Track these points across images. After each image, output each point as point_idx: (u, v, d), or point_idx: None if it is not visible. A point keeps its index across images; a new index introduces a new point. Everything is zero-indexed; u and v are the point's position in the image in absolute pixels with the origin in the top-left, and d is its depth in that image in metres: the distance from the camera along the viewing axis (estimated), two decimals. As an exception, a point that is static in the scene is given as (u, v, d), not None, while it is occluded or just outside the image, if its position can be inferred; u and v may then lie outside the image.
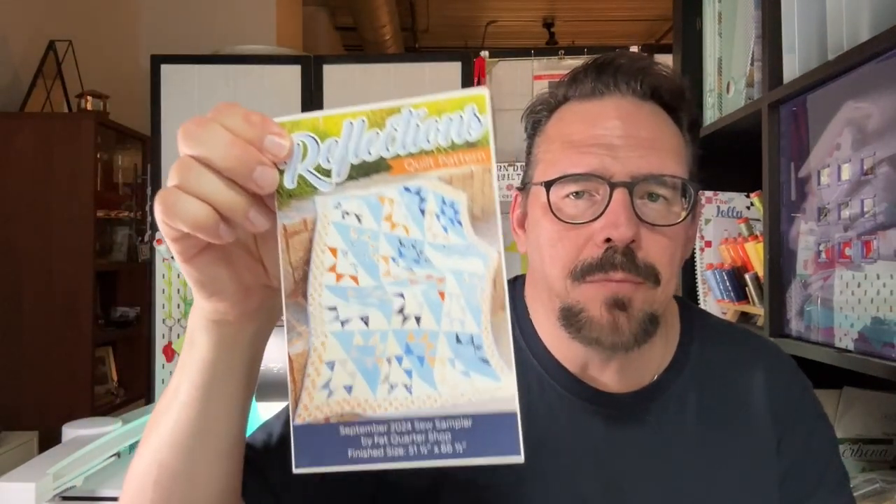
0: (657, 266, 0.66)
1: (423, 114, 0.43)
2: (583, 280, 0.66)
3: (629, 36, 5.90)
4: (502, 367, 0.42)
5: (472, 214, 0.43)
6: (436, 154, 0.43)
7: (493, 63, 3.04)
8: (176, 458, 0.52)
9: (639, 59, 0.71)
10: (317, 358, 0.44)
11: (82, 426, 1.60)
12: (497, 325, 0.42)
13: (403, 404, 0.43)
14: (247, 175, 0.42)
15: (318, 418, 0.43)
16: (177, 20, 3.91)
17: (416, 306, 0.43)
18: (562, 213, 0.67)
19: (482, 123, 0.42)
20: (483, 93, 0.42)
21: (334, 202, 0.44)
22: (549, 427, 0.72)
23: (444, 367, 0.43)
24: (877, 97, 0.89)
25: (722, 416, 0.73)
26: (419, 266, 0.44)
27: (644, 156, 0.66)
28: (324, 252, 0.44)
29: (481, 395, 0.42)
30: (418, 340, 0.43)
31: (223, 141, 0.42)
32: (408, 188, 0.44)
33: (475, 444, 0.42)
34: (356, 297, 0.44)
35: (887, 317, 0.87)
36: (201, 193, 0.42)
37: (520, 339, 0.75)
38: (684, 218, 0.67)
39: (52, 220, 2.71)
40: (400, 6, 5.28)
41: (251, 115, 0.43)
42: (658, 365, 0.74)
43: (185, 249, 0.45)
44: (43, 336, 2.70)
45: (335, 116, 0.44)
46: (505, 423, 0.42)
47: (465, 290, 0.43)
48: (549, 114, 0.73)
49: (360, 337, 0.44)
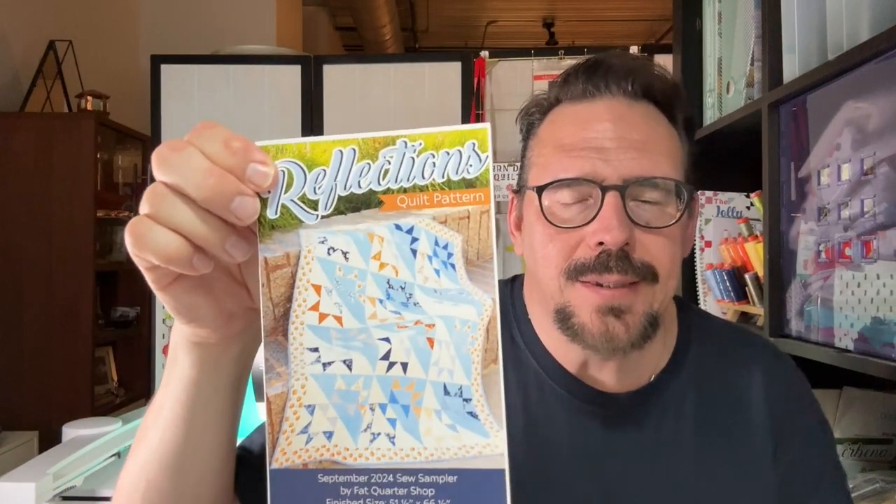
0: (654, 265, 0.65)
1: (419, 146, 0.40)
2: (576, 280, 0.66)
3: (629, 36, 5.90)
4: (492, 424, 0.40)
5: (467, 258, 0.40)
6: (431, 191, 0.40)
7: (493, 63, 3.04)
8: (163, 476, 0.51)
9: (630, 59, 0.71)
10: (296, 401, 0.41)
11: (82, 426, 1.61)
12: (488, 378, 0.40)
13: (386, 455, 0.41)
14: (224, 206, 0.39)
15: (295, 464, 0.41)
16: (177, 20, 3.91)
17: (402, 352, 0.41)
18: (554, 217, 0.67)
19: (482, 161, 0.40)
20: (485, 128, 0.40)
21: (320, 236, 0.41)
22: (547, 427, 0.72)
23: (430, 418, 0.40)
24: (877, 97, 0.89)
25: (720, 417, 0.73)
26: (408, 310, 0.41)
27: (635, 158, 0.65)
28: (307, 289, 0.41)
29: (468, 451, 0.40)
30: (404, 389, 0.41)
31: (199, 169, 0.39)
32: (399, 226, 0.41)
33: (460, 502, 0.40)
34: (340, 338, 0.41)
35: (887, 317, 0.87)
36: (174, 224, 0.40)
37: (518, 338, 0.75)
38: (678, 219, 0.66)
39: (52, 220, 2.71)
40: (400, 6, 5.28)
41: (232, 139, 0.40)
42: (656, 365, 0.74)
43: (158, 279, 0.43)
44: (43, 336, 2.70)
45: (324, 143, 0.41)
46: (492, 482, 0.40)
47: (455, 339, 0.40)
48: (541, 116, 0.73)
49: (343, 381, 0.41)
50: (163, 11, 3.94)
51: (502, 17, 5.82)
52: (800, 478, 0.73)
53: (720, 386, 0.74)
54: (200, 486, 0.52)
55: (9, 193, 2.69)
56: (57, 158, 2.71)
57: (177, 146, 0.40)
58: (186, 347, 0.47)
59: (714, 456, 0.72)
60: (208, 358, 0.48)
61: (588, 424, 0.72)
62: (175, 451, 0.50)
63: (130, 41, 3.84)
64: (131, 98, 3.48)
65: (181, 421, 0.49)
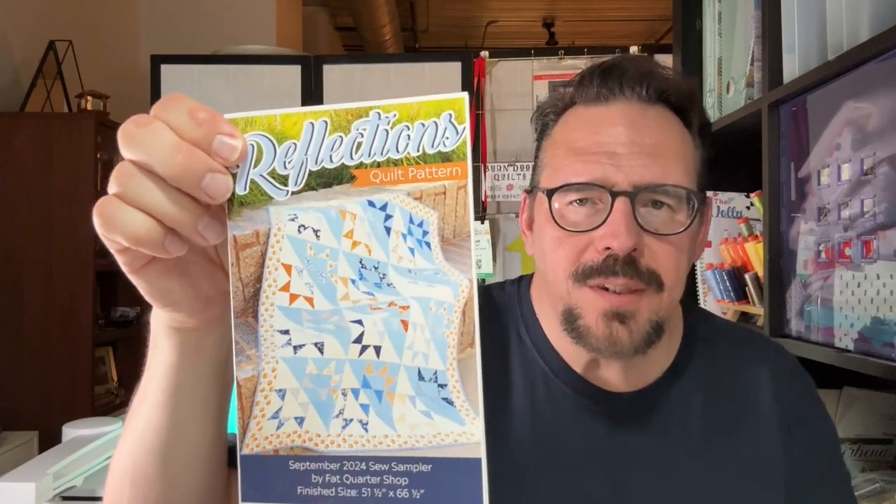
0: (660, 272, 0.65)
1: (392, 118, 0.38)
2: (584, 283, 0.66)
3: (629, 36, 5.90)
4: (468, 411, 0.38)
5: (443, 236, 0.39)
6: (405, 165, 0.38)
7: (493, 63, 3.04)
8: (149, 462, 0.50)
9: (645, 63, 0.71)
10: (266, 385, 0.40)
11: (82, 426, 1.61)
12: (465, 362, 0.38)
13: (358, 442, 0.39)
14: (195, 184, 0.38)
15: (266, 450, 0.40)
16: (177, 20, 3.91)
17: (375, 335, 0.39)
18: (564, 220, 0.67)
19: (459, 133, 0.38)
20: (461, 97, 0.38)
21: (290, 213, 0.39)
22: (554, 425, 0.72)
23: (403, 404, 0.39)
24: (877, 97, 0.89)
25: (726, 416, 0.73)
26: (381, 291, 0.39)
27: (647, 164, 0.65)
28: (277, 269, 0.40)
29: (443, 439, 0.38)
30: (377, 373, 0.39)
31: (167, 144, 0.37)
32: (372, 202, 0.39)
33: (434, 492, 0.38)
34: (311, 320, 0.40)
35: (887, 317, 0.87)
36: (143, 204, 0.38)
37: (526, 337, 0.76)
38: (687, 226, 0.66)
39: (52, 220, 2.71)
40: (400, 6, 5.28)
41: (198, 111, 0.38)
42: (662, 364, 0.74)
43: (130, 261, 0.41)
44: (43, 336, 2.70)
45: (294, 116, 0.39)
46: (468, 471, 0.38)
47: (430, 321, 0.39)
48: (556, 117, 0.73)
49: (314, 365, 0.40)
50: (163, 11, 3.94)
51: (502, 17, 5.82)
52: (804, 474, 0.73)
53: (727, 384, 0.75)
54: (188, 471, 0.51)
55: (9, 193, 2.68)
56: (57, 158, 2.71)
57: (142, 121, 0.38)
58: (165, 332, 0.46)
59: (721, 453, 0.72)
60: (188, 343, 0.46)
61: (595, 423, 0.72)
62: (160, 438, 0.49)
63: (130, 41, 3.84)
64: (131, 98, 3.47)
65: (165, 407, 0.48)
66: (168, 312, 0.45)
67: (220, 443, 0.53)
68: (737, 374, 0.76)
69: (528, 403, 0.73)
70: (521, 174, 2.96)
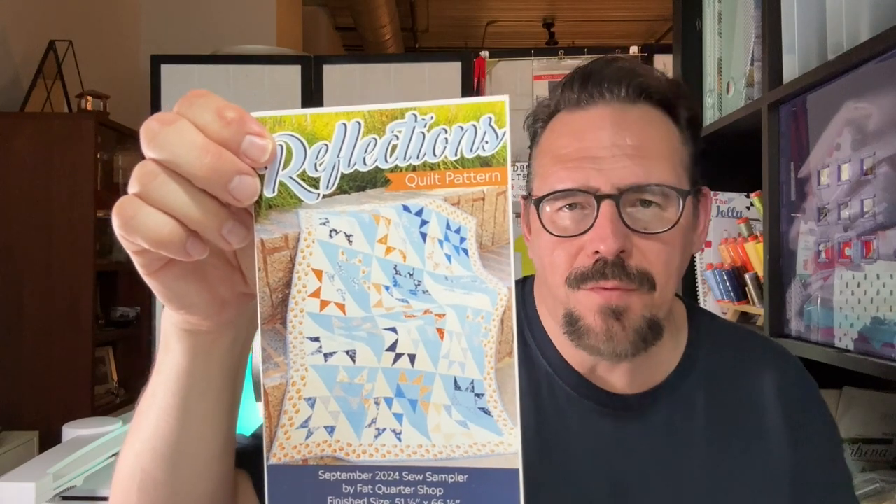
0: (651, 271, 0.66)
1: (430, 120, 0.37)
2: (578, 287, 0.67)
3: (629, 36, 5.90)
4: (505, 421, 0.37)
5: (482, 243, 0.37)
6: (442, 169, 0.37)
7: (493, 63, 3.04)
8: (157, 467, 0.49)
9: (624, 63, 0.71)
10: (295, 393, 0.39)
11: (82, 426, 1.61)
12: (502, 372, 0.37)
13: (391, 452, 0.38)
14: (222, 186, 0.36)
15: (294, 459, 0.39)
16: (177, 20, 3.91)
17: (410, 343, 0.38)
18: (555, 226, 0.68)
19: (499, 137, 0.36)
20: (503, 101, 0.36)
21: (321, 217, 0.38)
22: (558, 428, 0.72)
23: (439, 414, 0.38)
24: (877, 97, 0.89)
25: (731, 417, 0.73)
26: (416, 298, 0.38)
27: (628, 166, 0.65)
28: (307, 274, 0.38)
29: (480, 450, 0.37)
30: (411, 382, 0.38)
31: (194, 145, 0.36)
32: (407, 207, 0.38)
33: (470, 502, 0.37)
34: (342, 328, 0.39)
35: (887, 317, 0.87)
36: (165, 205, 0.36)
37: (530, 339, 0.76)
38: (675, 223, 0.66)
39: (52, 220, 2.71)
40: (400, 6, 5.28)
41: (226, 109, 0.37)
42: (667, 366, 0.74)
43: (147, 263, 0.40)
44: (43, 336, 2.70)
45: (326, 116, 0.38)
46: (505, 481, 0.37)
47: (467, 330, 0.38)
48: (543, 125, 0.74)
49: (345, 373, 0.39)
50: (163, 11, 3.94)
51: (502, 17, 5.82)
52: (807, 475, 0.73)
53: (732, 385, 0.75)
54: (197, 477, 0.51)
55: (9, 193, 2.68)
56: (57, 158, 2.71)
57: (167, 119, 0.37)
58: (177, 335, 0.45)
59: (725, 456, 0.72)
60: (200, 346, 0.45)
61: (599, 425, 0.72)
62: (169, 442, 0.48)
63: (130, 41, 3.84)
64: (131, 98, 3.48)
65: (175, 411, 0.47)
66: (182, 315, 0.43)
67: (229, 448, 0.52)
68: (741, 376, 0.76)
69: (533, 405, 0.73)
70: (522, 174, 2.95)
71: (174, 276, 0.41)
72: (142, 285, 0.42)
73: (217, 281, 0.43)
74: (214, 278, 0.43)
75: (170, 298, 0.42)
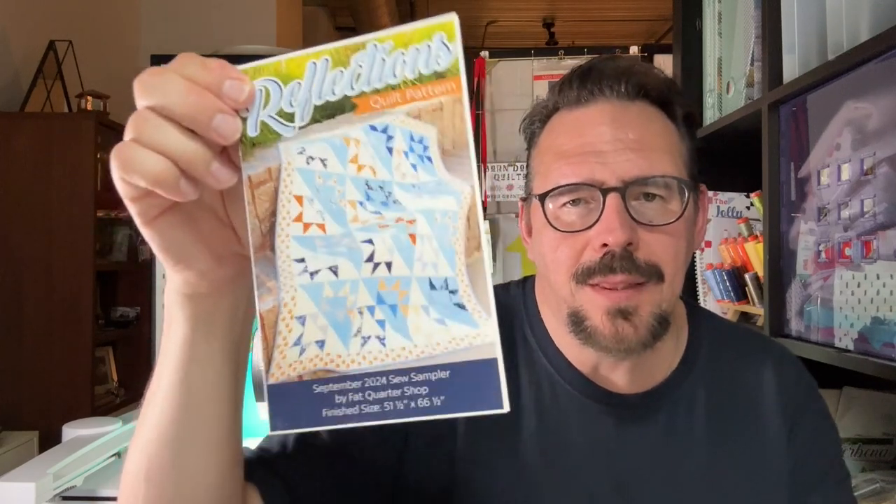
0: (659, 263, 0.66)
1: (388, 47, 0.40)
2: (585, 283, 0.67)
3: (629, 36, 5.90)
4: (479, 313, 0.39)
5: (443, 149, 0.40)
6: (403, 88, 0.40)
7: (493, 63, 3.04)
8: (163, 451, 0.50)
9: (622, 61, 0.72)
10: (287, 313, 0.41)
11: (82, 426, 1.60)
12: (473, 266, 0.39)
13: (377, 357, 0.40)
14: (206, 123, 0.40)
15: (291, 377, 0.41)
16: (177, 20, 3.91)
17: (385, 252, 0.41)
18: (559, 221, 0.68)
19: (451, 52, 0.39)
20: (451, 19, 0.39)
21: (298, 147, 0.41)
22: (560, 426, 0.72)
23: (417, 315, 0.40)
24: (877, 97, 0.89)
25: (731, 416, 0.74)
26: (388, 209, 0.41)
27: (632, 159, 0.66)
28: (290, 201, 0.42)
29: (458, 344, 0.39)
30: (390, 288, 0.40)
31: (179, 88, 0.40)
32: (374, 126, 0.41)
33: (454, 397, 0.39)
34: (324, 246, 0.41)
35: (887, 317, 0.87)
36: (160, 146, 0.40)
37: (531, 338, 0.76)
38: (681, 215, 0.67)
39: (52, 220, 2.71)
40: (400, 6, 5.28)
41: (209, 61, 0.41)
42: (668, 365, 0.74)
43: (145, 210, 0.43)
44: (43, 336, 2.70)
45: (298, 58, 0.41)
46: (485, 372, 0.38)
47: (437, 231, 0.40)
48: (541, 125, 0.74)
49: (330, 288, 0.41)
50: (163, 11, 3.94)
51: (502, 17, 5.82)
52: (806, 472, 0.74)
53: (732, 384, 0.75)
54: (203, 462, 0.51)
55: (9, 193, 2.68)
56: (57, 158, 2.71)
57: (157, 71, 0.41)
58: (179, 302, 0.48)
59: (726, 453, 0.72)
60: (201, 311, 0.48)
61: (600, 424, 0.72)
62: (174, 423, 0.49)
63: (130, 41, 3.84)
64: (131, 98, 3.44)
65: (179, 387, 0.49)
66: (180, 273, 0.46)
67: (234, 434, 0.53)
68: (741, 375, 0.76)
69: (534, 405, 0.73)
70: (521, 174, 2.95)
71: (170, 224, 0.44)
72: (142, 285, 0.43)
73: (211, 235, 0.46)
74: (208, 232, 0.46)
75: (168, 248, 0.45)
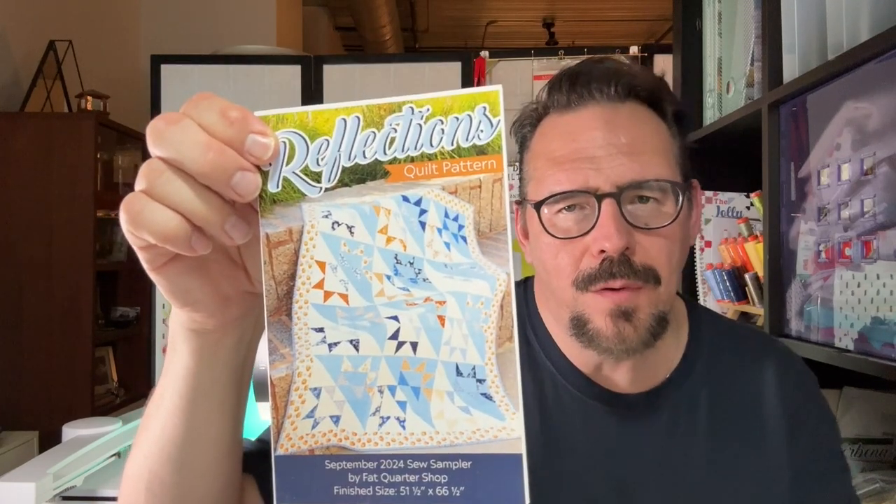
0: (655, 266, 0.66)
1: (426, 112, 0.38)
2: (586, 289, 0.67)
3: (629, 36, 5.90)
4: (507, 406, 0.37)
5: (479, 230, 0.38)
6: (440, 159, 0.38)
7: (493, 63, 3.04)
8: (165, 468, 0.50)
9: (610, 63, 0.72)
10: (301, 384, 0.39)
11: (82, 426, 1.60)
12: (503, 357, 0.38)
13: (396, 440, 0.38)
14: (224, 182, 0.38)
15: (301, 450, 0.39)
16: (177, 20, 3.91)
17: (412, 331, 0.39)
18: (556, 228, 0.68)
19: (494, 126, 0.37)
20: (496, 90, 0.37)
21: (324, 210, 0.39)
22: (562, 427, 0.73)
23: (441, 400, 0.38)
24: (877, 97, 0.89)
25: (733, 413, 0.74)
26: (417, 286, 0.39)
27: (625, 163, 0.66)
28: (311, 266, 0.39)
29: (483, 435, 0.38)
30: (414, 370, 0.39)
31: (197, 142, 0.37)
32: (406, 197, 0.39)
33: (474, 488, 0.37)
34: (346, 318, 0.39)
35: (887, 317, 0.87)
36: (171, 202, 0.38)
37: (533, 339, 0.77)
38: (676, 217, 0.67)
39: (52, 220, 2.71)
40: (400, 6, 5.28)
41: (230, 109, 0.38)
42: (669, 364, 0.75)
43: (152, 258, 0.41)
44: (43, 336, 2.70)
45: (326, 112, 0.39)
46: (509, 467, 0.37)
47: (468, 316, 0.38)
48: (532, 129, 0.74)
49: (349, 363, 0.39)
50: (163, 11, 3.94)
51: (502, 17, 5.82)
52: (808, 475, 0.74)
53: (733, 383, 0.75)
54: (204, 478, 0.51)
55: (9, 193, 2.68)
56: (57, 158, 2.71)
57: (172, 118, 0.38)
58: (184, 335, 0.46)
59: (727, 454, 0.72)
60: (206, 346, 0.46)
61: (602, 424, 0.72)
62: (176, 443, 0.49)
63: (130, 41, 3.84)
64: (131, 98, 3.47)
65: (181, 412, 0.48)
66: (187, 312, 0.44)
67: (235, 449, 0.53)
68: (743, 373, 0.76)
69: (537, 405, 0.73)
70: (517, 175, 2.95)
71: (178, 271, 0.42)
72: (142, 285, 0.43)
73: (221, 277, 0.44)
74: (218, 275, 0.44)
75: (174, 294, 0.43)
